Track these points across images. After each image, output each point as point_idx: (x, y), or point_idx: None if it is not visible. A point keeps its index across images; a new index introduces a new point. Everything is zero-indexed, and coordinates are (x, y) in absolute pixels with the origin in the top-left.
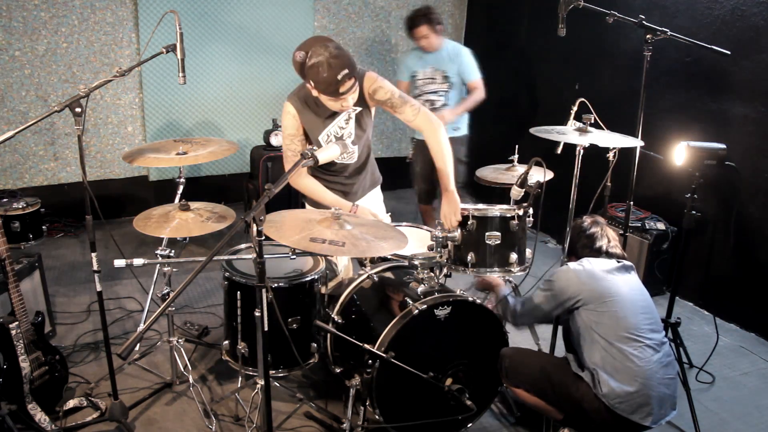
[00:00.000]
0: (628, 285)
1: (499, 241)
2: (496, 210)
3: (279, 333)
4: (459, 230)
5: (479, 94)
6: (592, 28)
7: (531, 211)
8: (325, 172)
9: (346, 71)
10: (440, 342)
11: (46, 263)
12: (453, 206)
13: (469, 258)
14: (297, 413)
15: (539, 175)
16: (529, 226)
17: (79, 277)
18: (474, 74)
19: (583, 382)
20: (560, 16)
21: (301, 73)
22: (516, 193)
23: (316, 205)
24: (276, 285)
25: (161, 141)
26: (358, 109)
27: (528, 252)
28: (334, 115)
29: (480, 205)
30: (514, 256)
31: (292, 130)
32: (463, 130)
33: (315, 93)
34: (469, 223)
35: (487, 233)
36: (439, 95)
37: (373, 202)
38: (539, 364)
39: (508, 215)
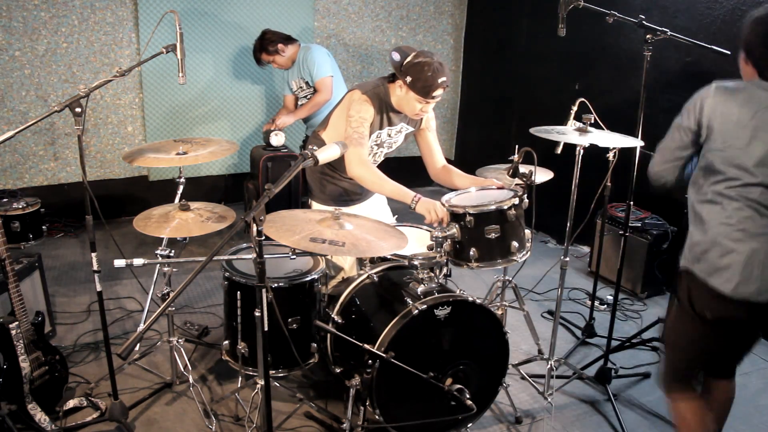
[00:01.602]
0: None
1: (499, 234)
2: (492, 204)
3: (279, 333)
4: (456, 226)
5: (322, 95)
6: (592, 28)
7: (526, 197)
8: (338, 170)
9: (445, 78)
10: (440, 342)
11: (46, 263)
12: (427, 205)
13: (471, 253)
14: (297, 413)
15: (531, 165)
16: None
17: (79, 277)
18: (316, 74)
19: None
20: (560, 16)
21: (398, 69)
22: (508, 183)
23: (326, 202)
24: (276, 285)
25: (161, 141)
26: (412, 129)
27: (527, 233)
28: (390, 123)
29: (474, 200)
30: (515, 245)
31: (367, 115)
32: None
33: (402, 91)
34: (466, 219)
35: (486, 228)
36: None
37: (379, 203)
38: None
39: (505, 207)
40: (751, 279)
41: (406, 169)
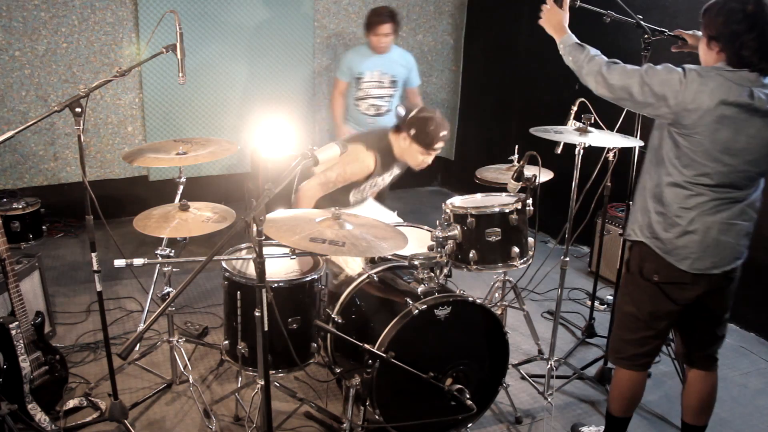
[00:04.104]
0: None
1: (499, 237)
2: (495, 206)
3: (279, 333)
4: (457, 227)
5: (419, 101)
6: (591, 28)
7: (530, 202)
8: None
9: (446, 133)
10: (440, 342)
11: (46, 263)
12: None
13: (471, 255)
14: (297, 413)
15: (535, 169)
16: (529, 216)
17: (79, 277)
18: (418, 80)
19: None
20: None
21: (403, 122)
22: (513, 186)
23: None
24: (276, 285)
25: (161, 141)
26: (399, 172)
27: (530, 241)
28: (389, 169)
29: (478, 202)
30: (516, 250)
31: (356, 177)
32: None
33: (405, 143)
34: (468, 221)
35: (487, 230)
36: (385, 100)
37: (376, 204)
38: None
39: (507, 210)
40: (705, 256)
41: (406, 168)
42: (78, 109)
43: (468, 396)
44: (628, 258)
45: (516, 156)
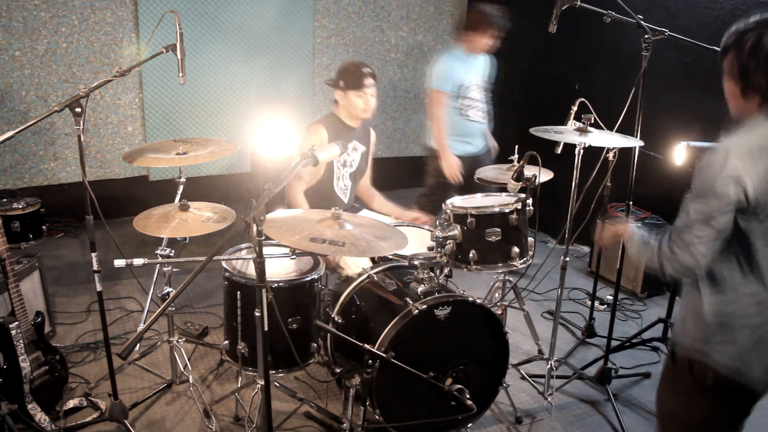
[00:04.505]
0: None
1: (499, 237)
2: (495, 206)
3: (279, 333)
4: (457, 227)
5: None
6: (592, 28)
7: (530, 202)
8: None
9: (369, 69)
10: (440, 342)
11: (46, 263)
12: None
13: (471, 255)
14: (297, 413)
15: (535, 169)
16: (529, 216)
17: (79, 277)
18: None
19: None
20: (554, 12)
21: (332, 84)
22: (513, 186)
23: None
24: (276, 285)
25: (161, 141)
26: (364, 148)
27: (530, 241)
28: (346, 143)
29: (478, 202)
30: (516, 250)
31: (313, 141)
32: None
33: (342, 98)
34: (468, 221)
35: (487, 230)
36: (485, 103)
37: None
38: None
39: (507, 210)
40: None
41: (406, 168)
42: (78, 109)
43: (468, 396)
44: None
45: (516, 156)
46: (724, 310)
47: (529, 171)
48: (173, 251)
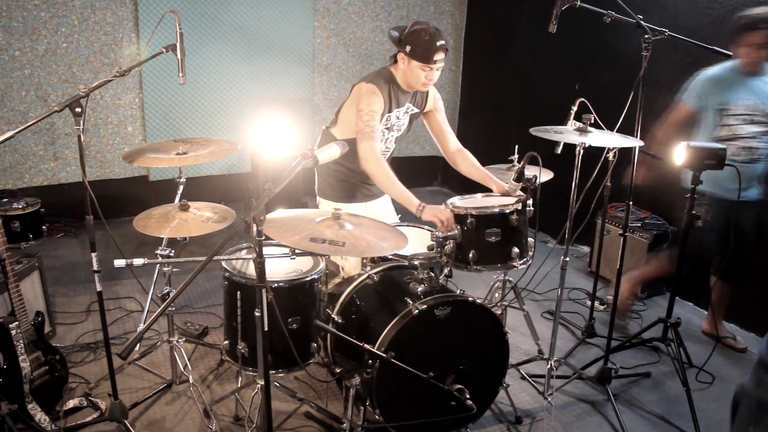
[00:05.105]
0: None
1: (499, 238)
2: (495, 207)
3: (279, 333)
4: (458, 228)
5: None
6: (592, 28)
7: (530, 202)
8: (350, 166)
9: (443, 42)
10: (440, 342)
11: (46, 263)
12: (434, 212)
13: (471, 255)
14: (297, 413)
15: (536, 169)
16: (530, 216)
17: (79, 277)
18: None
19: None
20: (554, 12)
21: (397, 43)
22: (513, 187)
23: (337, 199)
24: (276, 285)
25: (161, 141)
26: (417, 110)
27: (530, 241)
28: (399, 104)
29: (478, 202)
30: (516, 250)
31: (376, 107)
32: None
33: (405, 64)
34: (468, 221)
35: (487, 230)
36: (760, 141)
37: (386, 202)
38: None
39: (507, 210)
40: None
41: (406, 168)
42: (78, 109)
43: (468, 396)
44: None
45: (516, 156)
46: None
47: (530, 171)
48: (173, 251)
